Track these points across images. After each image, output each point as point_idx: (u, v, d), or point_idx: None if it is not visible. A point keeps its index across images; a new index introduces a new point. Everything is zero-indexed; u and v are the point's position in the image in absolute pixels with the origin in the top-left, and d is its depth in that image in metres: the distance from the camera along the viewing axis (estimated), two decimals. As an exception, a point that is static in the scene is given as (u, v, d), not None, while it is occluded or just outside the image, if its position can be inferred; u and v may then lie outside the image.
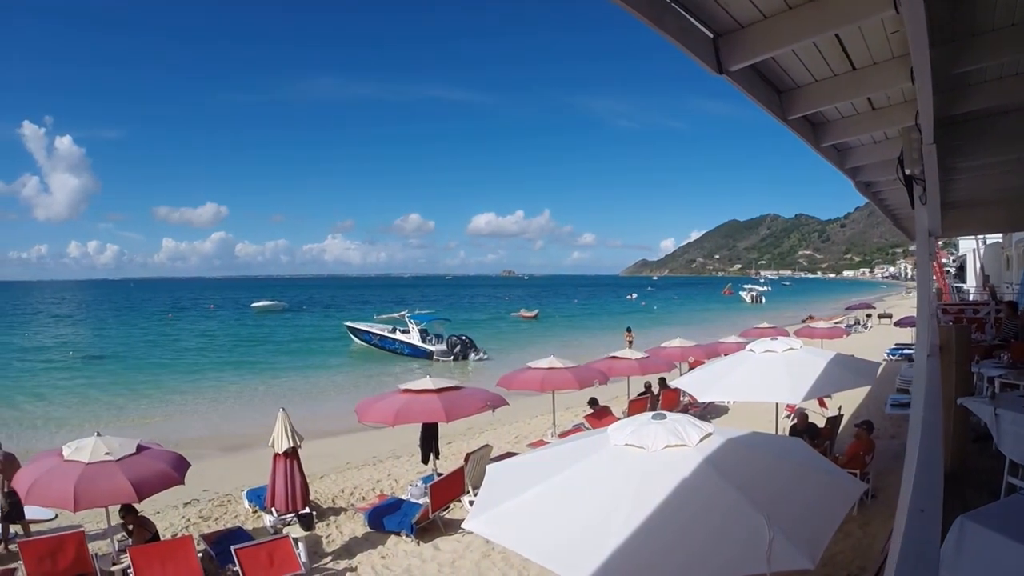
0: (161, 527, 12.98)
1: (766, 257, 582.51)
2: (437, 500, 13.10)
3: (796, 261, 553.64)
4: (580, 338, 59.56)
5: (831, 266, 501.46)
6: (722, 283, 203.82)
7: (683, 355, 24.39)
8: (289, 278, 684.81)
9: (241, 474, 18.24)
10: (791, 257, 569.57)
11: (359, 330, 54.32)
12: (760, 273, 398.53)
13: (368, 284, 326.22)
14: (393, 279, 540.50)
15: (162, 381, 40.31)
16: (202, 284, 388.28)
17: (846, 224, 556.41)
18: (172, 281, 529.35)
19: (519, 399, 16.92)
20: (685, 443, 5.44)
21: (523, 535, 5.22)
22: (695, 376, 12.74)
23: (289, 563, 11.10)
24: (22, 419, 30.40)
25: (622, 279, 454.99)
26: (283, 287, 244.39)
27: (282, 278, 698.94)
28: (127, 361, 51.28)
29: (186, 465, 11.43)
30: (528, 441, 19.48)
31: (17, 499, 13.39)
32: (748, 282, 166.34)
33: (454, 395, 14.29)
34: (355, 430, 20.98)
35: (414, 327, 48.73)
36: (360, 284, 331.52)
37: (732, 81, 6.46)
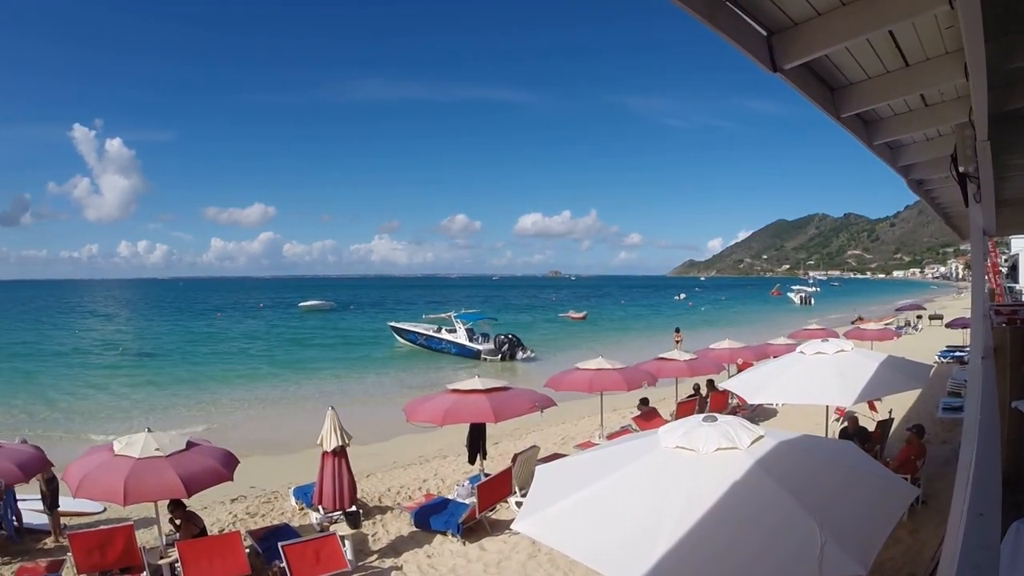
0: (208, 522, 13.14)
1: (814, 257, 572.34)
2: (484, 500, 13.10)
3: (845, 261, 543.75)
4: (628, 339, 59.25)
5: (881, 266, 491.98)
6: (770, 284, 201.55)
7: (732, 357, 24.13)
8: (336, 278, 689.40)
9: (288, 472, 18.42)
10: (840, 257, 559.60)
11: (404, 330, 54.43)
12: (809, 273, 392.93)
13: (414, 284, 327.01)
14: (439, 279, 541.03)
15: (210, 379, 40.90)
16: (250, 283, 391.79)
17: (896, 223, 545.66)
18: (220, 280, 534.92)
19: (566, 400, 16.88)
20: (736, 446, 5.36)
21: (572, 537, 5.19)
22: (744, 378, 12.60)
23: (335, 561, 11.17)
24: (73, 414, 31.15)
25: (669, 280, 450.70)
26: (330, 287, 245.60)
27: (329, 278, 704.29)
28: (176, 359, 52.16)
29: (235, 462, 11.56)
30: (575, 442, 19.40)
31: (56, 487, 13.76)
32: (796, 283, 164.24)
33: (503, 395, 14.28)
34: (402, 430, 21.07)
35: (461, 326, 48.75)
36: (406, 284, 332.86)
37: (786, 79, 6.37)
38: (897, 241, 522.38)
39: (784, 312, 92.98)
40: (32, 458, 12.12)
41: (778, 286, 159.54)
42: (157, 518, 11.78)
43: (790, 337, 27.83)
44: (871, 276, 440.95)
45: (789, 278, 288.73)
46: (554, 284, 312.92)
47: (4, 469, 11.22)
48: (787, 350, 18.94)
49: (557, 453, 16.73)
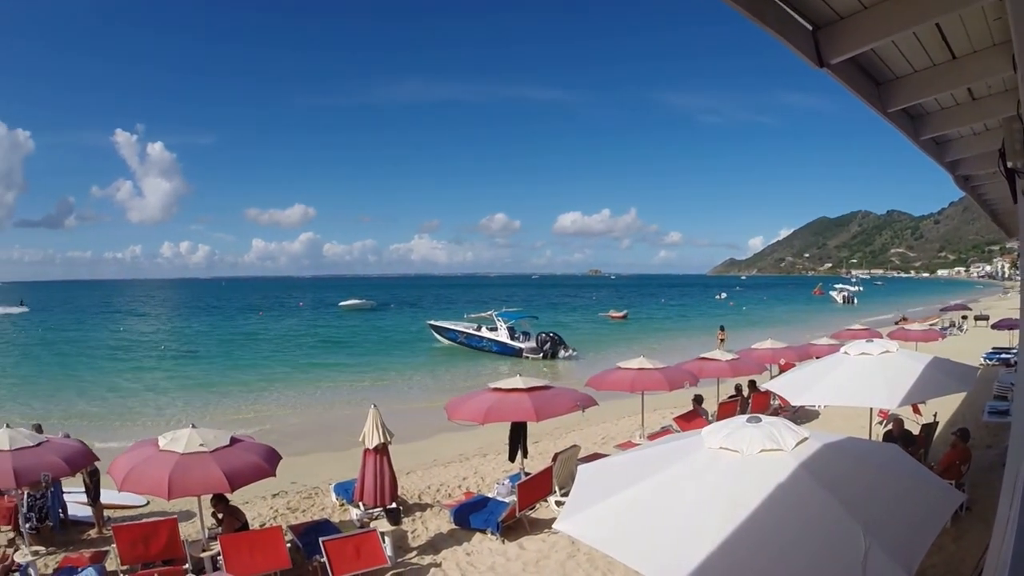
0: (249, 516, 13.28)
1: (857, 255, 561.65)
2: (524, 499, 13.08)
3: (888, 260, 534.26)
4: (668, 338, 58.98)
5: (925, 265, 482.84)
6: (812, 283, 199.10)
7: (774, 357, 23.89)
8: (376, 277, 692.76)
9: (328, 468, 18.58)
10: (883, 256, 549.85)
11: (444, 328, 54.52)
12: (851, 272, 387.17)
13: (454, 283, 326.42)
14: (479, 278, 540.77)
15: (251, 377, 41.37)
16: (291, 283, 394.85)
17: (940, 220, 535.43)
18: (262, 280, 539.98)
19: (606, 399, 16.81)
20: (781, 448, 5.28)
21: (614, 537, 5.16)
22: (787, 379, 12.46)
23: (375, 557, 11.23)
24: (117, 410, 31.66)
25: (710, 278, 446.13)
26: (370, 286, 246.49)
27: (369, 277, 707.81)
28: (218, 357, 52.81)
29: (277, 458, 11.64)
30: (616, 442, 19.34)
31: (98, 480, 13.97)
32: (839, 282, 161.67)
33: (544, 394, 14.25)
34: (442, 428, 21.12)
35: (502, 325, 48.81)
36: (446, 283, 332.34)
37: (833, 74, 6.27)
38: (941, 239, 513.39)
39: (826, 312, 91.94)
40: (78, 452, 12.30)
41: (820, 285, 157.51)
42: (200, 512, 11.90)
43: (833, 337, 27.55)
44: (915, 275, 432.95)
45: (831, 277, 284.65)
46: (594, 283, 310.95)
47: (51, 463, 11.38)
48: (830, 351, 18.73)
49: (597, 453, 16.67)
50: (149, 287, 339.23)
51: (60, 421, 25.01)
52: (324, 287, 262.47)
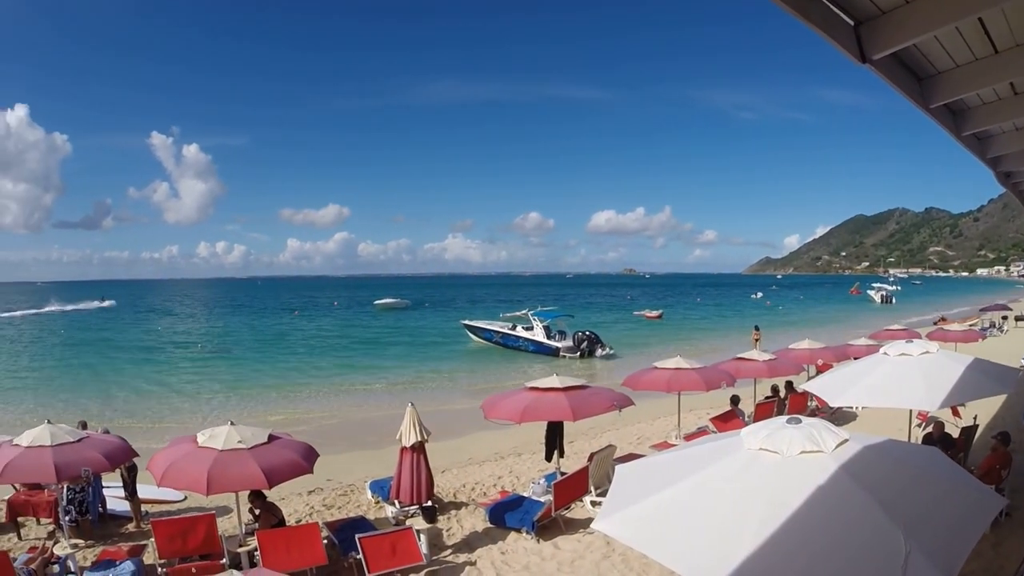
0: (285, 513, 13.37)
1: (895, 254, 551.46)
2: (560, 499, 13.01)
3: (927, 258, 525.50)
4: (704, 338, 58.66)
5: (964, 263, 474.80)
6: (849, 282, 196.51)
7: (811, 357, 23.53)
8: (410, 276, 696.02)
9: (364, 465, 18.70)
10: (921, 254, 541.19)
11: (479, 328, 54.54)
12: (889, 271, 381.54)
13: (488, 283, 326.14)
14: (513, 277, 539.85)
15: (288, 375, 41.81)
16: (326, 282, 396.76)
17: (979, 218, 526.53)
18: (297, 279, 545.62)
19: (641, 399, 16.69)
20: (821, 449, 5.22)
21: (652, 538, 5.13)
22: (825, 379, 12.30)
23: (411, 554, 11.28)
24: (155, 407, 32.15)
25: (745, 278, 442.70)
26: (405, 285, 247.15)
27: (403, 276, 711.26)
28: (254, 355, 53.41)
29: (315, 455, 11.70)
30: (651, 442, 19.29)
31: (135, 475, 14.16)
32: (876, 281, 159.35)
33: (581, 394, 14.11)
34: (477, 426, 21.13)
35: (538, 324, 48.67)
36: (480, 283, 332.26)
37: (875, 70, 6.21)
38: (981, 237, 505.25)
39: (864, 311, 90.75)
40: (118, 448, 12.44)
41: (857, 284, 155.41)
42: (237, 508, 12.00)
43: (871, 338, 27.14)
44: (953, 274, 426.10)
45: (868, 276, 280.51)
46: (628, 282, 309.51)
47: (92, 459, 11.52)
48: (868, 351, 18.52)
49: (633, 453, 16.60)
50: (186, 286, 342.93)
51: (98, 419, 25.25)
52: (359, 286, 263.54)
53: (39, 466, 10.98)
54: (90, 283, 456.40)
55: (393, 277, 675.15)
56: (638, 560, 11.09)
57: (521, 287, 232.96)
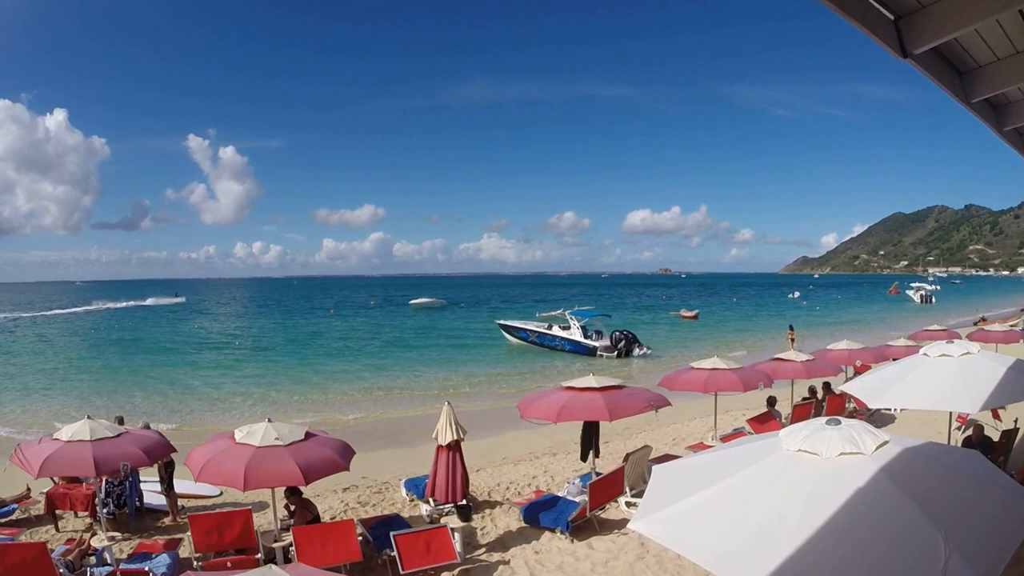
0: (321, 509, 13.41)
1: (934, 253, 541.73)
2: (595, 499, 12.97)
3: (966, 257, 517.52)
4: (741, 338, 58.12)
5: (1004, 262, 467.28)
6: (887, 281, 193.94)
7: (850, 358, 23.10)
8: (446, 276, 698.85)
9: (398, 463, 18.79)
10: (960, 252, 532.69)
11: (514, 328, 54.38)
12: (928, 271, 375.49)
13: (523, 282, 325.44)
14: (548, 277, 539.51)
15: (324, 373, 42.18)
16: (361, 282, 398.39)
17: (1021, 215, 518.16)
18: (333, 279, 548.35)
19: (676, 399, 16.56)
20: (861, 451, 5.16)
21: (690, 539, 5.10)
22: (864, 381, 12.14)
23: (445, 552, 11.32)
24: (192, 403, 32.58)
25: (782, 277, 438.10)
26: (440, 285, 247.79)
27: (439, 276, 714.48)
28: (291, 354, 53.84)
29: (351, 453, 11.77)
30: (686, 443, 19.16)
31: (172, 471, 14.44)
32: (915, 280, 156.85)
33: (617, 394, 14.00)
34: (512, 426, 21.17)
35: (575, 323, 48.49)
36: (515, 282, 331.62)
37: (916, 64, 6.12)
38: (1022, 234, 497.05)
39: (903, 311, 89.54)
40: (157, 444, 12.59)
41: (896, 284, 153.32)
42: (273, 504, 12.09)
43: (910, 338, 26.77)
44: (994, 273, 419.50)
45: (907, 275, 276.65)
46: (664, 282, 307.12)
47: (131, 454, 11.68)
48: (908, 352, 18.27)
49: (668, 454, 16.49)
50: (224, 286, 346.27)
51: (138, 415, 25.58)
52: (394, 286, 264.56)
53: (79, 460, 11.17)
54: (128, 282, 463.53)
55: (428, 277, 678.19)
56: (672, 561, 11.04)
57: (556, 287, 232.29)
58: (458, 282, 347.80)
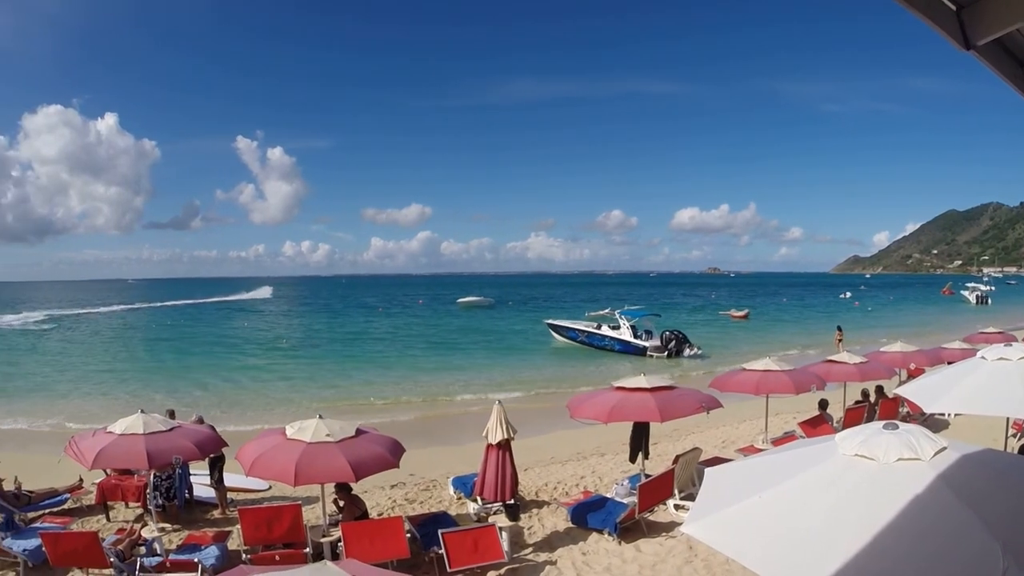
0: (368, 506, 13.55)
1: (988, 252, 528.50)
2: (645, 501, 12.91)
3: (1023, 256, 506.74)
4: (792, 339, 57.21)
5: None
6: (940, 281, 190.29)
7: (904, 361, 22.57)
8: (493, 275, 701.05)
9: (446, 461, 18.85)
10: (1016, 252, 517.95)
11: (563, 327, 54.08)
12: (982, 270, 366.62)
13: (571, 282, 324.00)
14: (596, 276, 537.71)
15: (374, 369, 42.63)
16: (409, 281, 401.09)
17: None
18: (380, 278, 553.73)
19: (726, 401, 16.35)
20: (919, 457, 5.05)
21: (743, 543, 5.04)
22: (920, 384, 11.90)
23: (493, 551, 11.35)
24: (243, 399, 33.15)
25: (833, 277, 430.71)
26: (487, 284, 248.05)
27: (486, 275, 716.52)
28: (340, 351, 54.41)
29: (401, 450, 11.87)
30: (736, 446, 18.98)
31: (222, 465, 14.68)
32: (970, 280, 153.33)
33: (668, 395, 13.93)
34: (560, 425, 21.15)
35: (625, 323, 48.21)
36: (563, 282, 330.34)
37: (979, 57, 5.95)
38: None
39: (957, 313, 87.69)
40: (209, 438, 12.81)
41: (949, 284, 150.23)
42: (322, 499, 12.21)
43: (965, 341, 26.25)
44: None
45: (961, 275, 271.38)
46: (713, 281, 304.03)
47: (183, 447, 11.89)
48: (963, 355, 17.92)
49: (718, 457, 16.28)
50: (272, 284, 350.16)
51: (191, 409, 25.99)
52: (441, 285, 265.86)
53: (132, 453, 11.45)
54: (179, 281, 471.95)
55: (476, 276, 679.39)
56: (721, 566, 10.96)
57: (604, 286, 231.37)
58: (505, 281, 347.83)
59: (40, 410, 30.53)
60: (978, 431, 17.73)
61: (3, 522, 12.33)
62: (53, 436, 24.21)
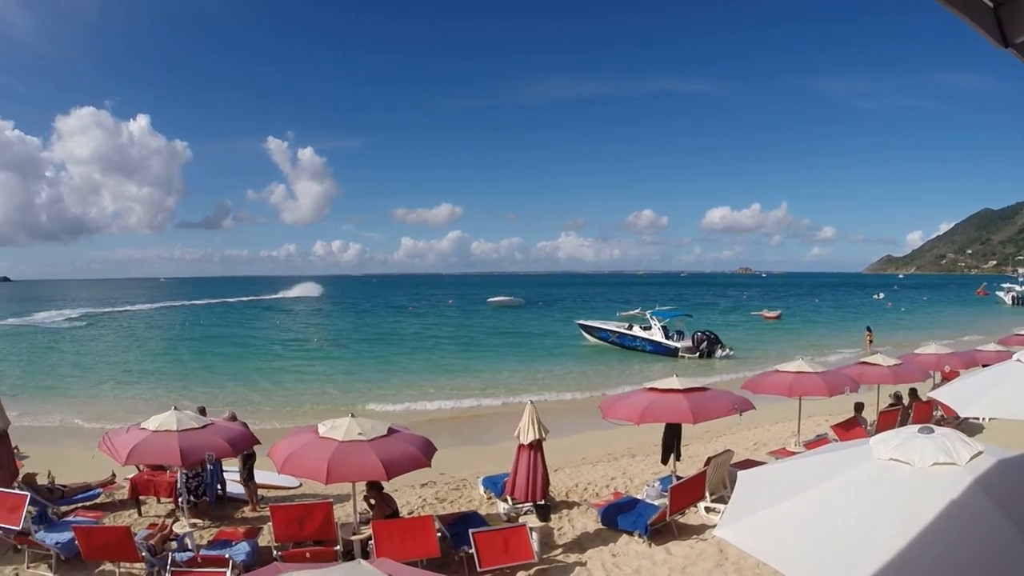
0: (399, 504, 13.57)
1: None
2: (676, 503, 12.82)
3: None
4: (825, 340, 56.67)
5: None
6: (975, 282, 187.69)
7: (938, 363, 22.14)
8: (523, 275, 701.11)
9: (476, 461, 18.88)
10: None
11: (594, 328, 53.91)
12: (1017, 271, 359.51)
13: (601, 281, 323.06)
14: (627, 276, 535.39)
15: (404, 368, 42.90)
16: (439, 280, 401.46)
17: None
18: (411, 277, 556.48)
19: (757, 403, 16.22)
20: (954, 461, 5.00)
21: (776, 548, 5.01)
22: (954, 388, 11.74)
23: (523, 551, 11.37)
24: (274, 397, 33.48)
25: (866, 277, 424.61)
26: (517, 284, 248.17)
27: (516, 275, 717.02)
28: (371, 349, 54.87)
29: (433, 450, 11.95)
30: (768, 449, 18.84)
31: (252, 462, 14.92)
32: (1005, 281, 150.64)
33: (701, 396, 13.88)
34: (590, 425, 21.14)
35: (656, 324, 48.01)
36: (593, 281, 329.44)
37: (1017, 54, 5.87)
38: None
39: (992, 314, 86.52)
40: (241, 435, 12.96)
41: (984, 285, 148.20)
42: (353, 497, 12.29)
43: (1000, 343, 25.90)
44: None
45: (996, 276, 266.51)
46: (744, 281, 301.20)
47: (215, 444, 12.03)
48: (999, 358, 17.70)
49: (750, 459, 16.20)
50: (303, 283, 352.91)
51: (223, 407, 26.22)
52: (472, 284, 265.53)
53: (165, 450, 11.65)
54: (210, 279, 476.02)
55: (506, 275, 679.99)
56: (751, 570, 10.90)
57: (635, 286, 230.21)
58: (536, 281, 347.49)
59: (71, 406, 31.10)
60: (1014, 436, 17.51)
61: (36, 515, 12.48)
62: (85, 432, 24.68)
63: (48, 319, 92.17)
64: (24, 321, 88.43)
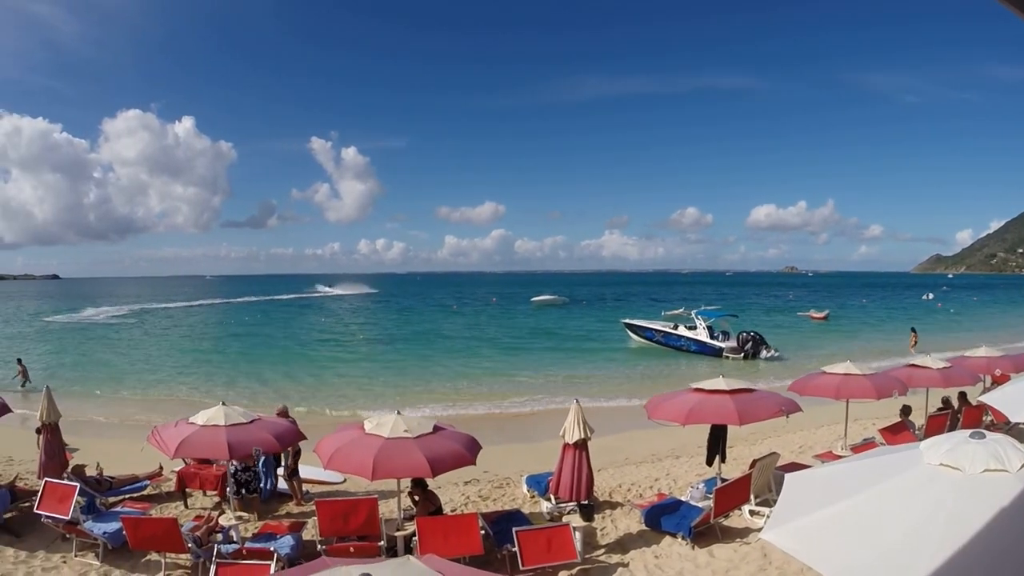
0: (442, 501, 13.66)
1: None
2: (721, 505, 12.67)
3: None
4: (873, 342, 55.70)
5: None
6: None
7: (989, 367, 21.50)
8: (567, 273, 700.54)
9: (519, 459, 18.87)
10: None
11: (639, 327, 53.53)
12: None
13: (645, 280, 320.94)
14: (671, 275, 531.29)
15: (449, 366, 43.00)
16: (483, 278, 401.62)
17: None
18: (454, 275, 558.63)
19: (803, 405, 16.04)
20: (1006, 468, 4.94)
21: (823, 552, 4.99)
22: (1006, 392, 11.59)
23: (566, 551, 11.33)
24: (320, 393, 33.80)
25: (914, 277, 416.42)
26: (561, 282, 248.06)
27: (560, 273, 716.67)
28: (417, 347, 55.04)
29: (478, 448, 12.00)
30: (814, 452, 18.52)
31: (298, 458, 15.20)
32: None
33: (747, 397, 13.72)
34: (633, 425, 21.07)
35: (702, 323, 47.56)
36: (637, 280, 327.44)
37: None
38: None
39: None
40: (288, 431, 13.11)
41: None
42: (398, 494, 12.38)
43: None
44: None
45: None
46: (790, 281, 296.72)
47: (262, 439, 12.22)
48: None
49: (795, 463, 16.02)
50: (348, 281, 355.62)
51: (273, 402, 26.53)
52: (515, 283, 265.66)
53: (213, 444, 11.83)
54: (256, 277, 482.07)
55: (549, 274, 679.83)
56: (796, 575, 10.79)
57: (679, 285, 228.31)
58: (579, 279, 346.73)
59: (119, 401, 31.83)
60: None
61: (85, 505, 12.75)
62: (133, 425, 25.12)
63: (97, 315, 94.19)
64: (73, 318, 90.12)
